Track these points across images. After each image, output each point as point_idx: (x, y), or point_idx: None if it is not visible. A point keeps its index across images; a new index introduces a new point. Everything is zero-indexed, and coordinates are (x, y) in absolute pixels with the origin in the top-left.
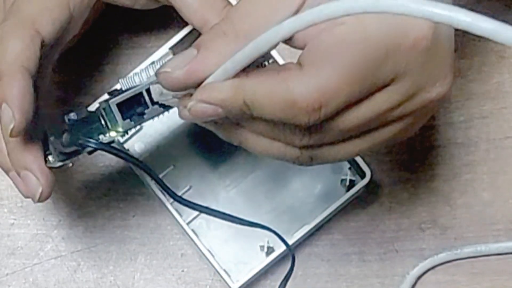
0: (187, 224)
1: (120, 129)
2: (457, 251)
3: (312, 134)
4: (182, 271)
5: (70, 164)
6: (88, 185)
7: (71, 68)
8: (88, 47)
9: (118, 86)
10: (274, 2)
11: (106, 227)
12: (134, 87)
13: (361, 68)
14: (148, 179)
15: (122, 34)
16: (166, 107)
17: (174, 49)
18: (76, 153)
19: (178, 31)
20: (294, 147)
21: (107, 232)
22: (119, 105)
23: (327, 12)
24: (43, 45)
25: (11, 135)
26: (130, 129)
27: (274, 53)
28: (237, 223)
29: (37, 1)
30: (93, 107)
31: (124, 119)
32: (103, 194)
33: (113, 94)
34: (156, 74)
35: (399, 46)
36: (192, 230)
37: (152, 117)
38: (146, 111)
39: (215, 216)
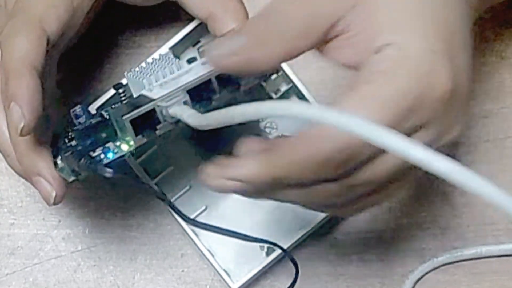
0: (187, 224)
1: (132, 144)
2: (457, 254)
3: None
4: (182, 271)
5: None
6: (88, 185)
7: (71, 68)
8: (88, 47)
9: (124, 81)
10: None
11: (106, 227)
12: (146, 102)
13: (391, 121)
14: (147, 179)
15: (122, 34)
16: (178, 122)
17: (174, 49)
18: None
19: (178, 31)
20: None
21: (107, 232)
22: (132, 121)
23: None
24: (48, 43)
25: (21, 134)
26: (142, 144)
27: None
28: (243, 239)
29: None
30: (93, 106)
31: (136, 135)
32: (103, 194)
33: (117, 87)
34: (206, 56)
35: (427, 97)
36: (192, 230)
37: (164, 133)
38: (158, 126)
39: (224, 234)
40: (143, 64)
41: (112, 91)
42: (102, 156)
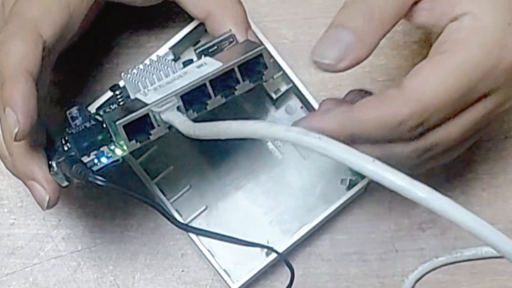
0: (187, 224)
1: (126, 149)
2: (457, 254)
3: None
4: (182, 271)
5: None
6: (88, 185)
7: (71, 68)
8: (88, 47)
9: (121, 83)
10: None
11: (106, 227)
12: (140, 106)
13: (460, 90)
14: (147, 179)
15: (122, 34)
16: (172, 127)
17: (174, 49)
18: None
19: (178, 31)
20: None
21: (107, 232)
22: (125, 126)
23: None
24: (44, 48)
25: (15, 139)
26: (135, 150)
27: (274, 52)
28: (237, 243)
29: (39, 4)
30: (92, 107)
31: (130, 140)
32: (103, 194)
33: (114, 89)
34: (315, 61)
35: (497, 67)
36: None
37: (158, 138)
38: (152, 131)
39: (219, 239)
40: (141, 66)
41: (110, 92)
42: (96, 161)
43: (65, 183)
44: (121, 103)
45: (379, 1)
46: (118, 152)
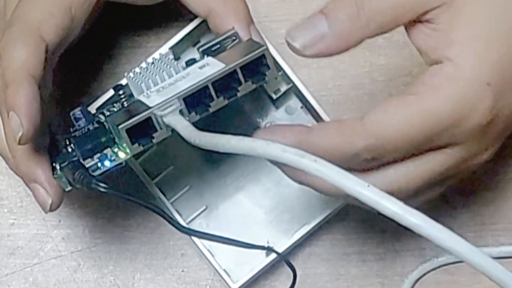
0: (187, 224)
1: (129, 152)
2: None
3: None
4: (182, 271)
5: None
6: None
7: (71, 68)
8: (88, 47)
9: (124, 81)
10: None
11: (106, 227)
12: (143, 110)
13: (423, 136)
14: (147, 179)
15: (122, 34)
16: (175, 130)
17: (174, 49)
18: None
19: (178, 31)
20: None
21: (107, 232)
22: (128, 130)
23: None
24: (47, 51)
25: (19, 143)
26: (138, 153)
27: (274, 52)
28: (237, 246)
29: (41, 7)
30: (93, 107)
31: (133, 143)
32: (103, 194)
33: (117, 89)
34: (286, 41)
35: (461, 124)
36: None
37: (162, 141)
38: (155, 134)
39: (218, 241)
40: (143, 64)
41: (111, 92)
42: (99, 164)
43: (69, 188)
44: (124, 103)
45: (374, 3)
46: (122, 155)
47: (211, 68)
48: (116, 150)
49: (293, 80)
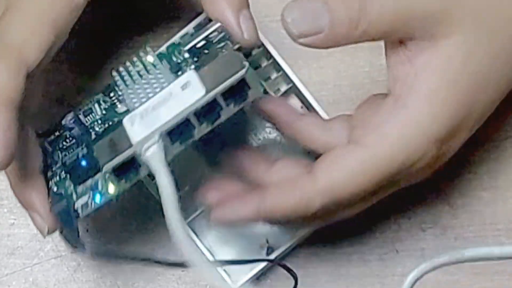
0: (187, 224)
1: (117, 190)
2: (457, 254)
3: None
4: (182, 271)
5: None
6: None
7: (71, 68)
8: (88, 47)
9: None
10: None
11: (106, 227)
12: (128, 145)
13: (374, 184)
14: (147, 180)
15: (122, 34)
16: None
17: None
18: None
19: (178, 31)
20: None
21: (107, 232)
22: (113, 168)
23: None
24: (28, 73)
25: None
26: (125, 189)
27: (274, 52)
28: (246, 263)
29: (22, 26)
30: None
31: (118, 181)
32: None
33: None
34: (282, 20)
35: (403, 172)
36: (192, 230)
37: (148, 174)
38: (140, 168)
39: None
40: (128, 63)
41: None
42: (90, 201)
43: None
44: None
45: (374, 15)
46: (111, 189)
47: (192, 92)
48: (104, 190)
49: (293, 80)
